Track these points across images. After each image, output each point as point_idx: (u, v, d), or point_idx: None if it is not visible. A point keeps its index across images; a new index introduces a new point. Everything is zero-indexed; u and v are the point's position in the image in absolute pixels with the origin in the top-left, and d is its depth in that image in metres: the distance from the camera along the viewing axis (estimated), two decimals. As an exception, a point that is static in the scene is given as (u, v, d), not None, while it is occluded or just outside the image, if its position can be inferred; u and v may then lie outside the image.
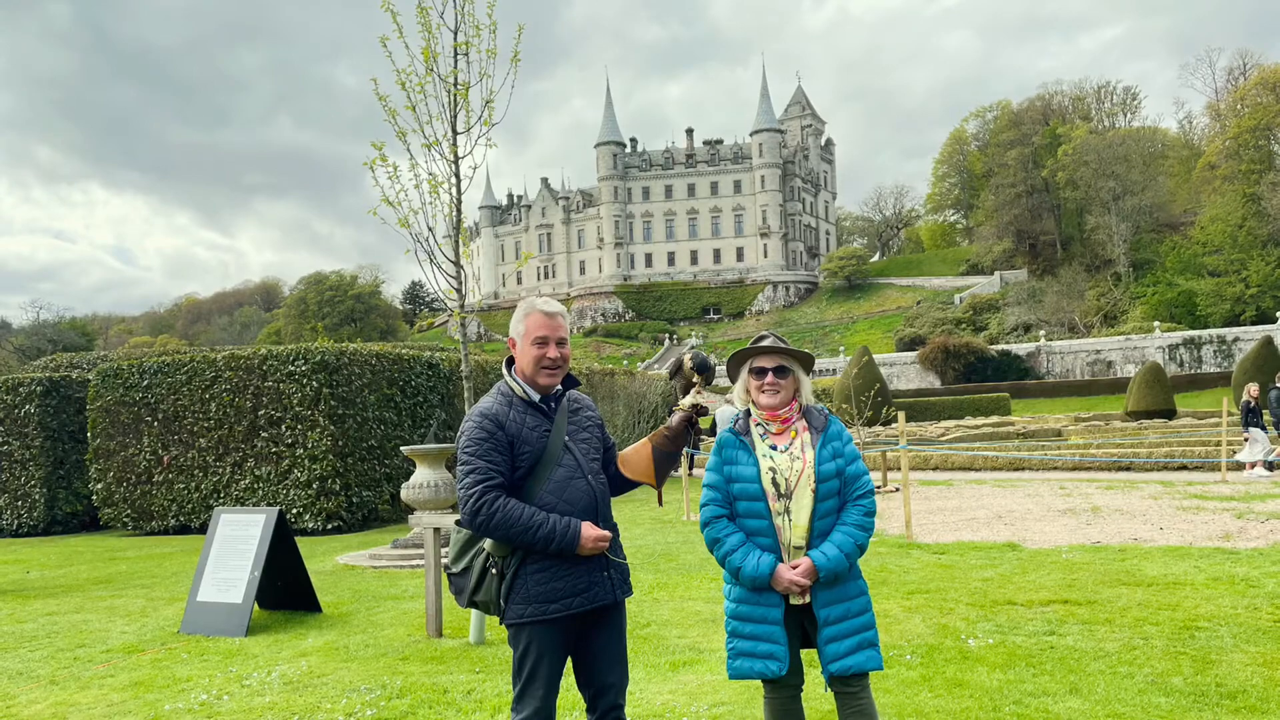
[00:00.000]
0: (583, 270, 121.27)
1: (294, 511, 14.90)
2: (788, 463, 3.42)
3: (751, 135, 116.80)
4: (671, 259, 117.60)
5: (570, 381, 3.46)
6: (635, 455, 3.45)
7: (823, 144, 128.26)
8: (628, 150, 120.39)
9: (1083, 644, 5.74)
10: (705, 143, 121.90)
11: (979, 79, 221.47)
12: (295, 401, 15.08)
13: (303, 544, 11.95)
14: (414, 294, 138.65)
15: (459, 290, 10.31)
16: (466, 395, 10.45)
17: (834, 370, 63.93)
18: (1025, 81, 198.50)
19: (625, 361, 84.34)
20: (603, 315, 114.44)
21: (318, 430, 14.93)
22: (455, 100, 9.98)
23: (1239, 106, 78.27)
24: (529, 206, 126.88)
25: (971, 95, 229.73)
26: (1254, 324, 62.98)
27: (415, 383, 16.99)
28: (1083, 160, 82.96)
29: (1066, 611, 6.65)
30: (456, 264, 10.25)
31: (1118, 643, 5.74)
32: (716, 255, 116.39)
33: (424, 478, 10.16)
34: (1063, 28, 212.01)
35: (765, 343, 3.56)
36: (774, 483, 3.41)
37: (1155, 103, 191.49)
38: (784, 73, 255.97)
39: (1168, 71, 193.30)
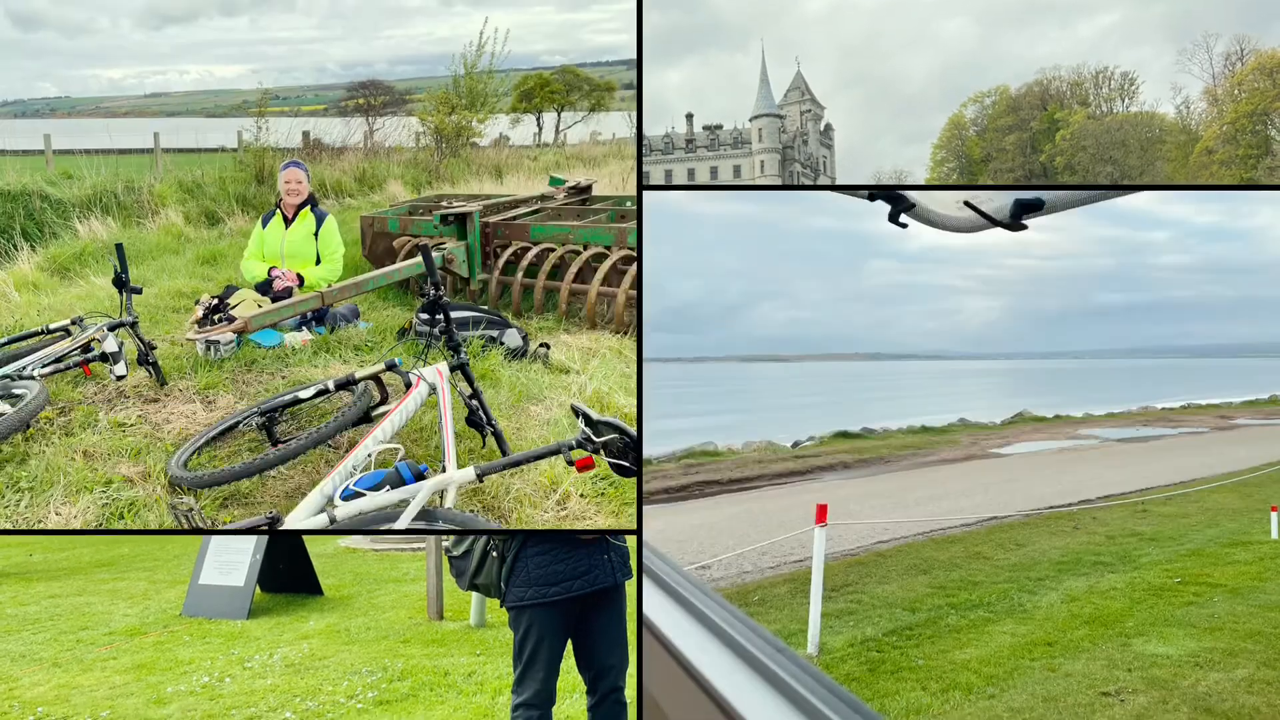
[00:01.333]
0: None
1: (293, 496, 14.89)
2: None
3: (751, 120, 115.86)
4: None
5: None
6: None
7: (822, 129, 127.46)
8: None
9: None
10: (705, 128, 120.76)
11: (977, 65, 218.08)
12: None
13: (302, 528, 11.94)
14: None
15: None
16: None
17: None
18: (1023, 67, 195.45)
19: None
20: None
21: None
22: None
23: (1236, 92, 77.83)
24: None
25: (970, 81, 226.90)
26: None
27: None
28: (1081, 145, 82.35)
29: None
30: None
31: None
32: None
33: (423, 462, 10.16)
34: (1060, 13, 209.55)
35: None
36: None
37: (1153, 88, 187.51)
38: (784, 58, 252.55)
39: (1165, 57, 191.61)
